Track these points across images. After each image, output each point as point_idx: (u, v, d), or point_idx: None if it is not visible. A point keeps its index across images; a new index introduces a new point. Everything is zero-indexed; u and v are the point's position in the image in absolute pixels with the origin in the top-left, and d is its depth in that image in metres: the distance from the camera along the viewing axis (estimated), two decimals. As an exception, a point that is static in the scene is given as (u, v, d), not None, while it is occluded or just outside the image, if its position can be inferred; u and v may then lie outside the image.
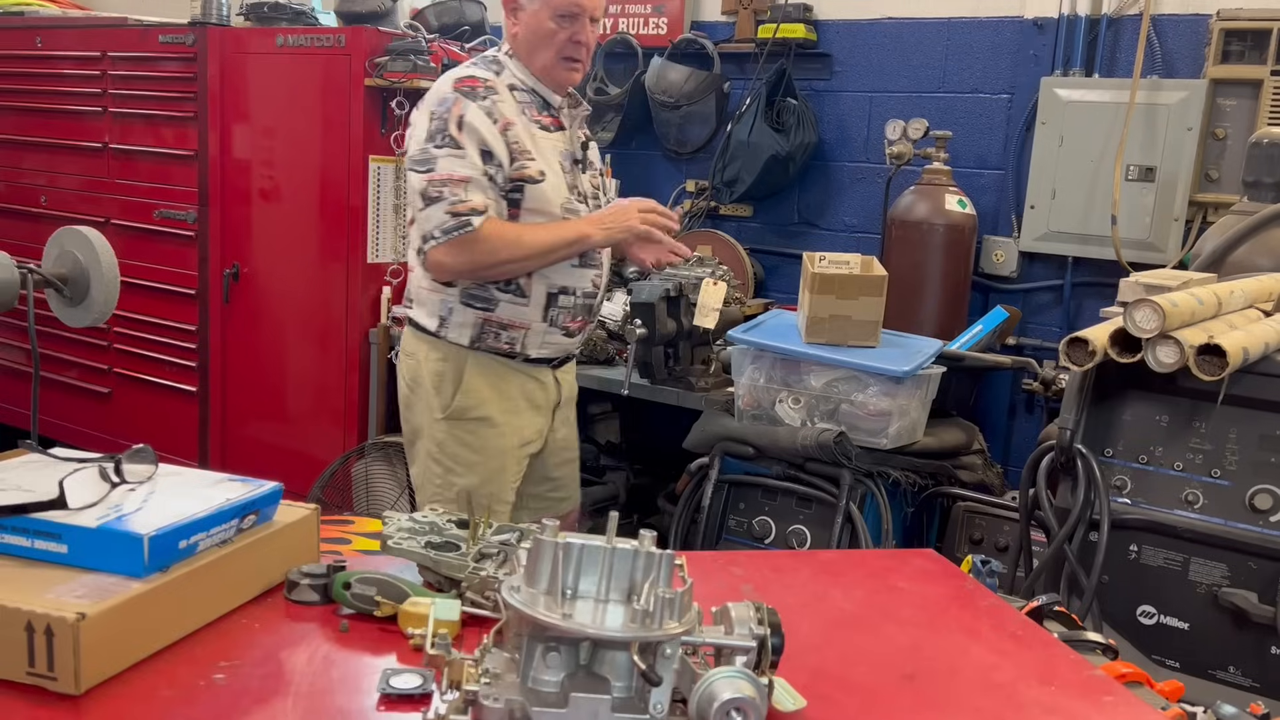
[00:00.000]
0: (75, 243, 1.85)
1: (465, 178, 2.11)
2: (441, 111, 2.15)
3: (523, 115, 2.21)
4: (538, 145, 2.22)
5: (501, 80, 2.22)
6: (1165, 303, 1.84)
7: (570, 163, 2.30)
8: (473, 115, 2.14)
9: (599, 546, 0.94)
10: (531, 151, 2.20)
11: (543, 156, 2.22)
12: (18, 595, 0.95)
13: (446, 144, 2.12)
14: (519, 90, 2.24)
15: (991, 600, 1.32)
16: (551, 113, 2.29)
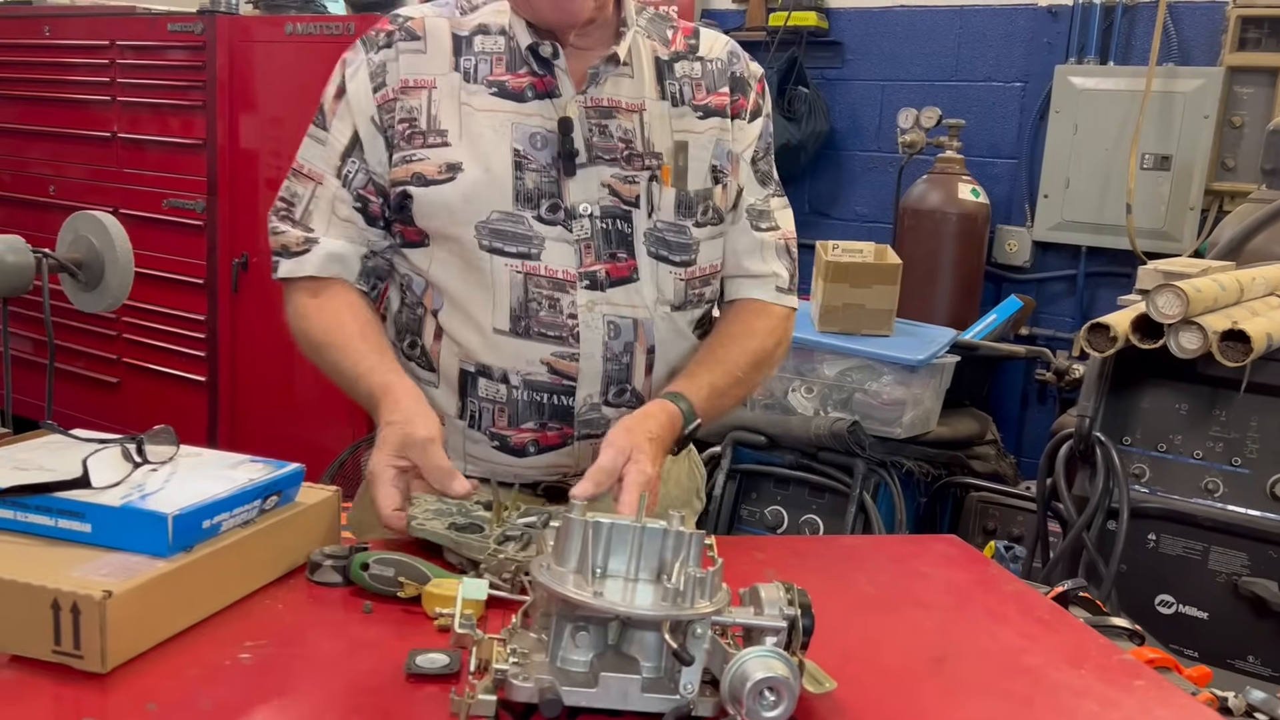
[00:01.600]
0: (90, 227, 1.84)
1: (316, 175, 1.39)
2: (338, 73, 1.41)
3: (465, 75, 1.35)
4: (467, 121, 1.33)
5: (466, 20, 1.38)
6: (1189, 288, 1.83)
7: (549, 150, 1.34)
8: (352, 79, 1.37)
9: (628, 525, 0.93)
10: (450, 130, 1.33)
11: (471, 139, 1.33)
12: (43, 573, 0.94)
13: (317, 120, 1.41)
14: (489, 34, 1.37)
15: (1016, 585, 1.31)
16: (535, 68, 1.35)
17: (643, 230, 1.37)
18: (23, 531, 1.03)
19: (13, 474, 1.07)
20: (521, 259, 1.32)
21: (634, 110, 1.38)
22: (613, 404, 1.37)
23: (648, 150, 1.37)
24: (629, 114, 1.37)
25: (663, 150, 1.38)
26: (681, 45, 1.45)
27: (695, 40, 1.47)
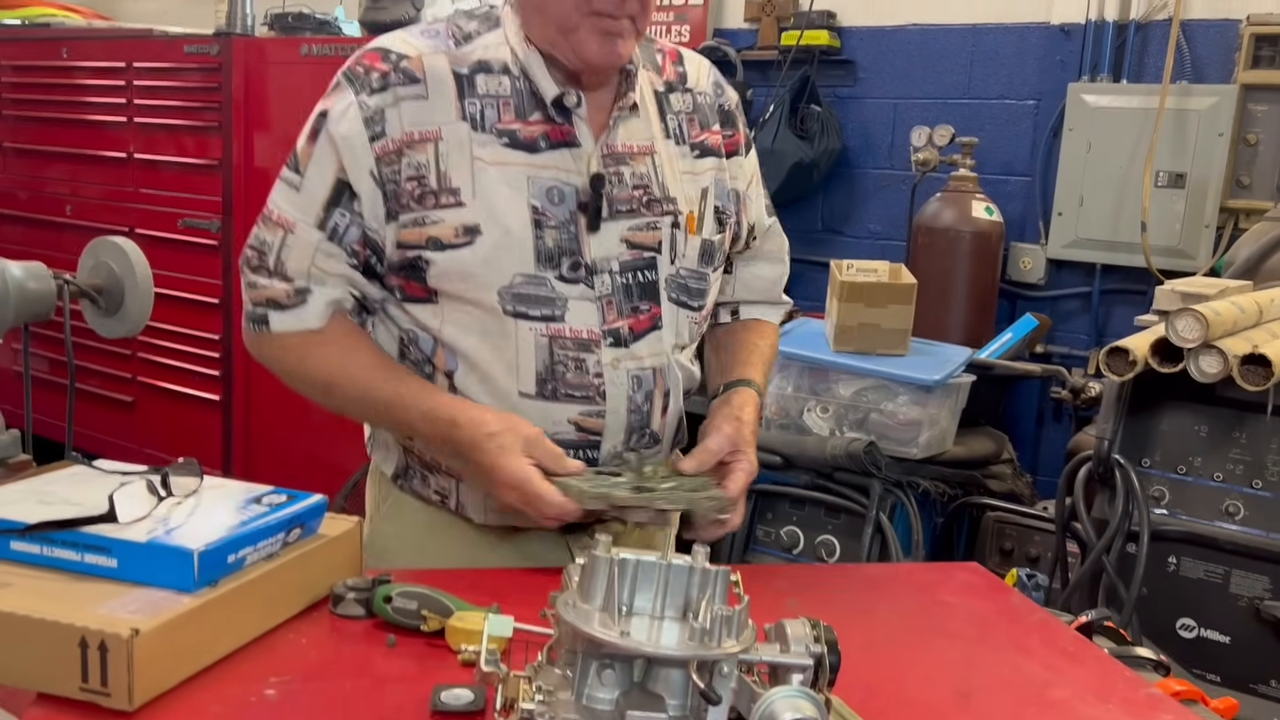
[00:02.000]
0: (110, 254, 1.86)
1: (286, 222, 1.28)
2: (320, 106, 1.29)
3: (471, 122, 1.25)
4: (480, 177, 1.25)
5: (464, 54, 1.27)
6: (1208, 312, 1.82)
7: (566, 205, 1.28)
8: (338, 123, 1.25)
9: (654, 563, 0.93)
10: (462, 188, 1.25)
11: (486, 197, 1.25)
12: (70, 611, 0.94)
13: (290, 163, 1.30)
14: (491, 73, 1.28)
15: (1040, 615, 1.30)
16: (549, 115, 1.28)
17: (665, 276, 1.33)
18: (49, 566, 1.03)
19: (39, 508, 1.07)
20: (546, 322, 1.28)
21: (645, 153, 1.33)
22: (633, 448, 1.35)
23: (664, 195, 1.33)
24: (641, 158, 1.32)
25: (678, 195, 1.34)
26: (672, 74, 1.41)
27: (683, 67, 1.43)
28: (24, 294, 1.70)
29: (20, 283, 1.70)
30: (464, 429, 1.24)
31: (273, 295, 1.29)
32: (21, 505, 1.07)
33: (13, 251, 4.11)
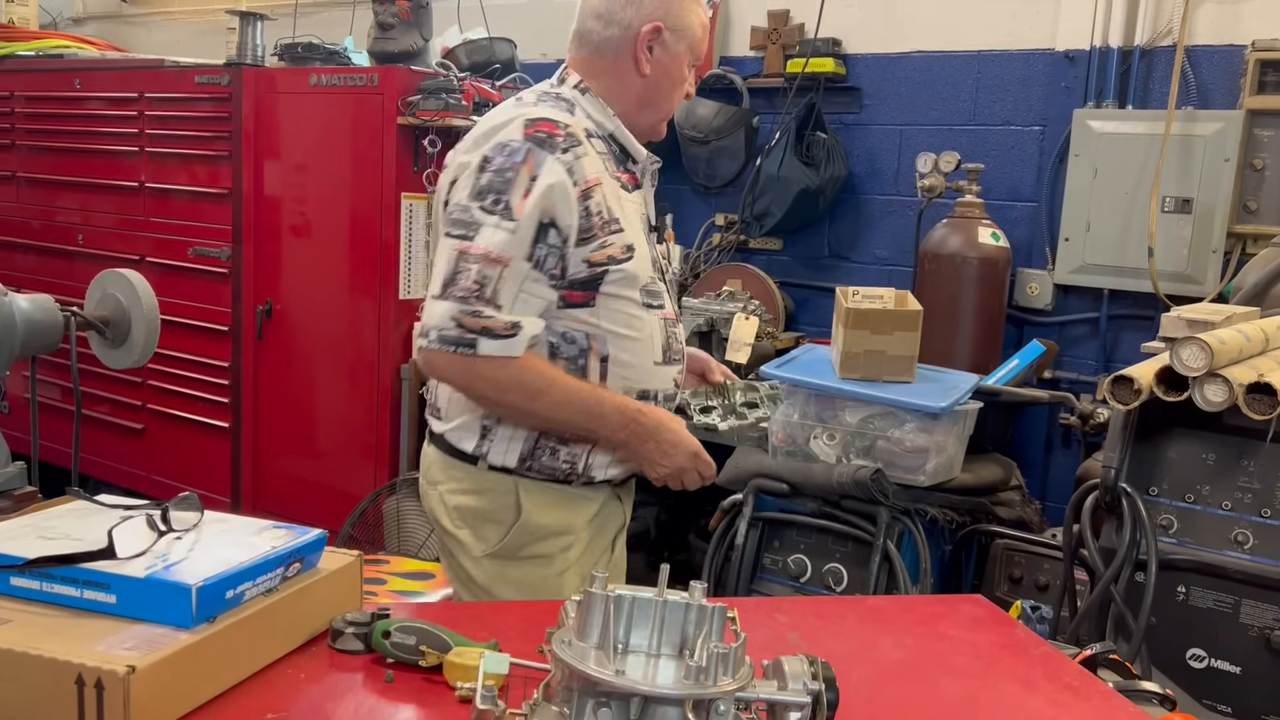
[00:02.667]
0: (117, 285, 1.87)
1: (503, 259, 1.61)
2: (503, 163, 1.63)
3: (606, 171, 1.71)
4: (625, 210, 1.72)
5: (577, 123, 1.71)
6: (1213, 340, 1.82)
7: (648, 230, 1.81)
8: (548, 176, 1.62)
9: (650, 599, 0.92)
10: (620, 220, 1.70)
11: (630, 224, 1.72)
12: (68, 647, 0.94)
13: (499, 210, 1.62)
14: (595, 138, 1.74)
15: (1044, 649, 1.29)
16: (630, 168, 1.79)
17: (669, 275, 1.88)
18: (49, 602, 1.04)
19: (39, 543, 1.08)
20: (660, 309, 1.78)
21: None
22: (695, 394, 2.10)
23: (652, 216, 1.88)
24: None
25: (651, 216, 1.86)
26: None
27: None
28: (31, 326, 1.71)
29: (28, 315, 1.72)
30: (649, 415, 1.74)
31: (490, 325, 1.61)
32: (22, 540, 1.08)
33: (26, 280, 4.16)
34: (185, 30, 5.32)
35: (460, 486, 1.77)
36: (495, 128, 1.69)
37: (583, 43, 1.82)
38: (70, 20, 5.69)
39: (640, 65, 1.77)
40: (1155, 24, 3.14)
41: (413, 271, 3.52)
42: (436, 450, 1.82)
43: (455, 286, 1.61)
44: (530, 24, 4.17)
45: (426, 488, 1.84)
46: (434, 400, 1.82)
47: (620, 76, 1.78)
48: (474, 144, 1.71)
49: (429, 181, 3.46)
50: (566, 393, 1.68)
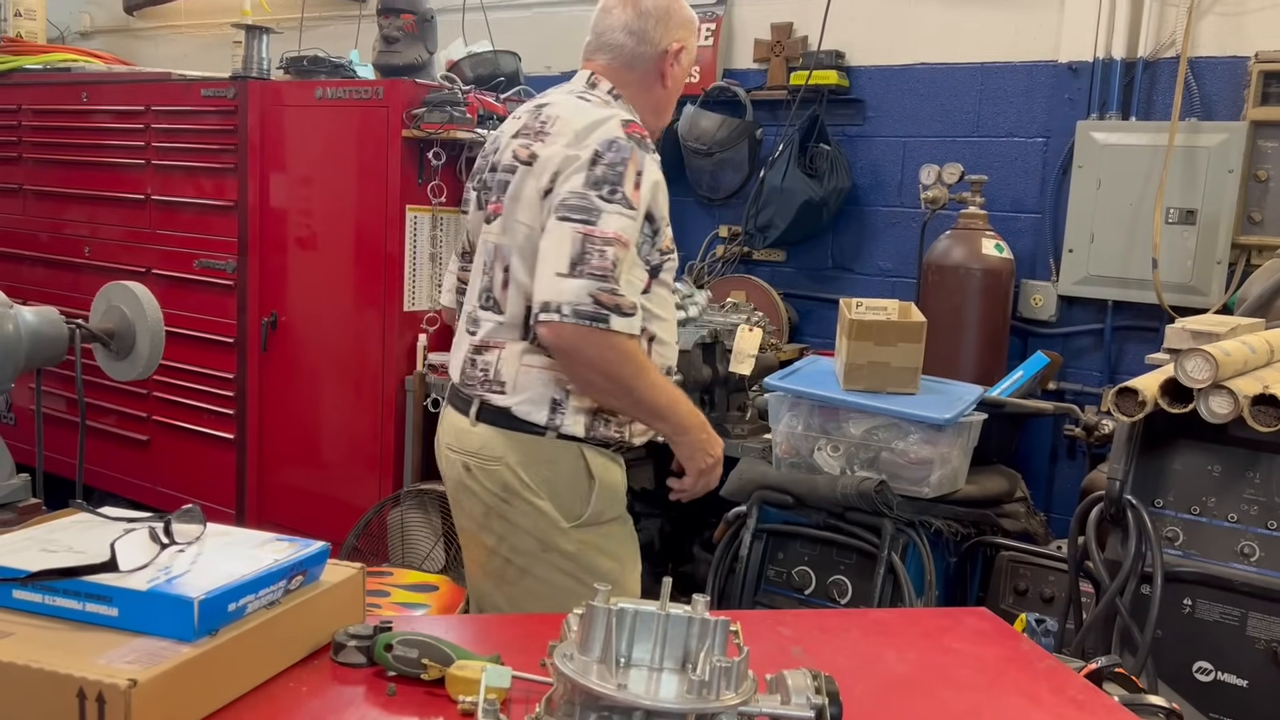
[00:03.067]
0: (122, 297, 1.87)
1: (627, 243, 1.78)
2: (613, 158, 1.79)
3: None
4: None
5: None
6: (1217, 352, 1.81)
7: None
8: (650, 172, 1.84)
9: (652, 613, 0.92)
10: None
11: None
12: (70, 660, 0.94)
13: (617, 199, 1.77)
14: None
15: (1049, 662, 1.29)
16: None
17: None
18: (52, 615, 1.04)
19: (42, 556, 1.08)
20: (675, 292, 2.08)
21: None
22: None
23: None
24: None
25: None
26: None
27: None
28: (36, 339, 1.72)
29: (33, 327, 1.72)
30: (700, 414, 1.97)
31: (621, 304, 1.75)
32: (25, 553, 1.08)
33: (33, 293, 4.18)
34: (192, 44, 5.35)
35: (532, 457, 1.88)
36: (594, 123, 1.84)
37: (614, 55, 2.00)
38: (77, 34, 5.72)
39: (665, 79, 2.02)
40: (1158, 36, 3.15)
41: (417, 283, 3.53)
42: (493, 426, 1.90)
43: (586, 265, 1.74)
44: (534, 37, 4.19)
45: (483, 464, 1.90)
46: (493, 375, 1.90)
47: (647, 87, 2.01)
48: (576, 138, 1.84)
49: (433, 194, 3.47)
50: (658, 375, 1.88)
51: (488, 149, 2.09)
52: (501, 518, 1.92)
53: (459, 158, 3.50)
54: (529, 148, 1.90)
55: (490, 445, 1.90)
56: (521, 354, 1.89)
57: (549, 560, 1.91)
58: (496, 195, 1.96)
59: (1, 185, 4.56)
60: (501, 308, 1.93)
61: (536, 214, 1.86)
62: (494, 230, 1.96)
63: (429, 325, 3.53)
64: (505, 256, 1.92)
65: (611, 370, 1.78)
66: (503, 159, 1.98)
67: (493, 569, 1.98)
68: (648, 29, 1.98)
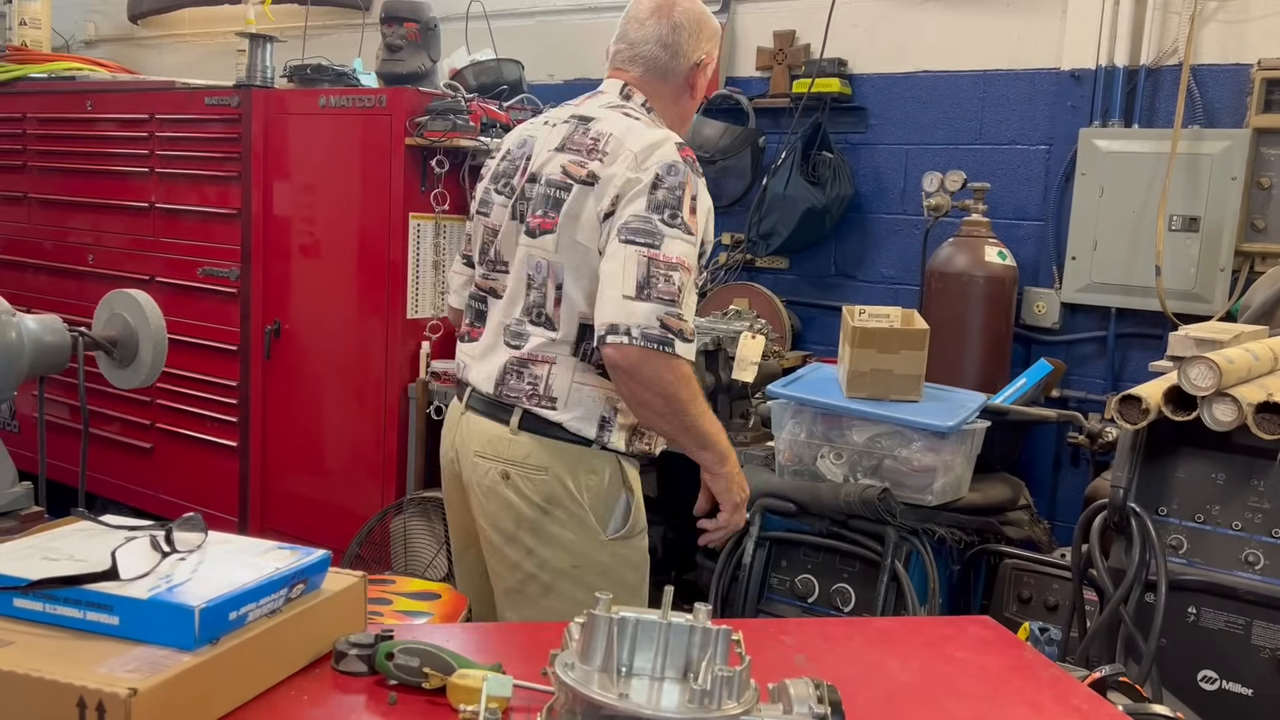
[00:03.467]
0: (125, 305, 1.88)
1: (691, 268, 1.83)
2: (672, 183, 1.82)
3: None
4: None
5: None
6: (1221, 359, 1.81)
7: None
8: (703, 198, 1.88)
9: (654, 622, 0.92)
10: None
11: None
12: (70, 669, 0.94)
13: (678, 225, 1.81)
14: None
15: (1053, 671, 1.28)
16: None
17: None
18: (52, 624, 1.04)
19: (43, 565, 1.08)
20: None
21: None
22: None
23: None
24: None
25: None
26: None
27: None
28: (39, 347, 1.72)
29: (36, 335, 1.72)
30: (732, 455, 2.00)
31: (684, 330, 1.79)
32: (27, 562, 1.08)
33: (37, 300, 4.19)
34: (196, 52, 5.36)
35: (579, 467, 1.93)
36: (652, 145, 1.86)
37: (648, 67, 2.02)
38: (82, 43, 5.74)
39: (694, 91, 2.08)
40: (1160, 44, 3.15)
41: (420, 291, 3.53)
42: (540, 435, 1.92)
43: (654, 290, 1.78)
44: (537, 45, 4.20)
45: (528, 474, 1.92)
46: (544, 390, 1.92)
47: (677, 99, 2.07)
48: (635, 160, 1.85)
49: (436, 201, 3.47)
50: (706, 405, 1.92)
51: (515, 153, 2.06)
52: (534, 531, 1.93)
53: (462, 165, 3.50)
54: (585, 166, 1.89)
55: (536, 454, 1.92)
56: (574, 371, 1.92)
57: (577, 576, 1.93)
58: (544, 209, 1.93)
59: (6, 193, 4.58)
60: (555, 325, 1.92)
61: (596, 235, 1.86)
62: (544, 246, 1.93)
63: (432, 333, 3.54)
64: (558, 274, 1.91)
65: (670, 393, 1.81)
66: (548, 172, 1.94)
67: (512, 584, 1.98)
68: (681, 42, 2.01)
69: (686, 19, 2.02)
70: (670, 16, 2.01)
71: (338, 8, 4.57)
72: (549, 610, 1.93)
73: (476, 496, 1.99)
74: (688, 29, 2.02)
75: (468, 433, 2.00)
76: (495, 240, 2.06)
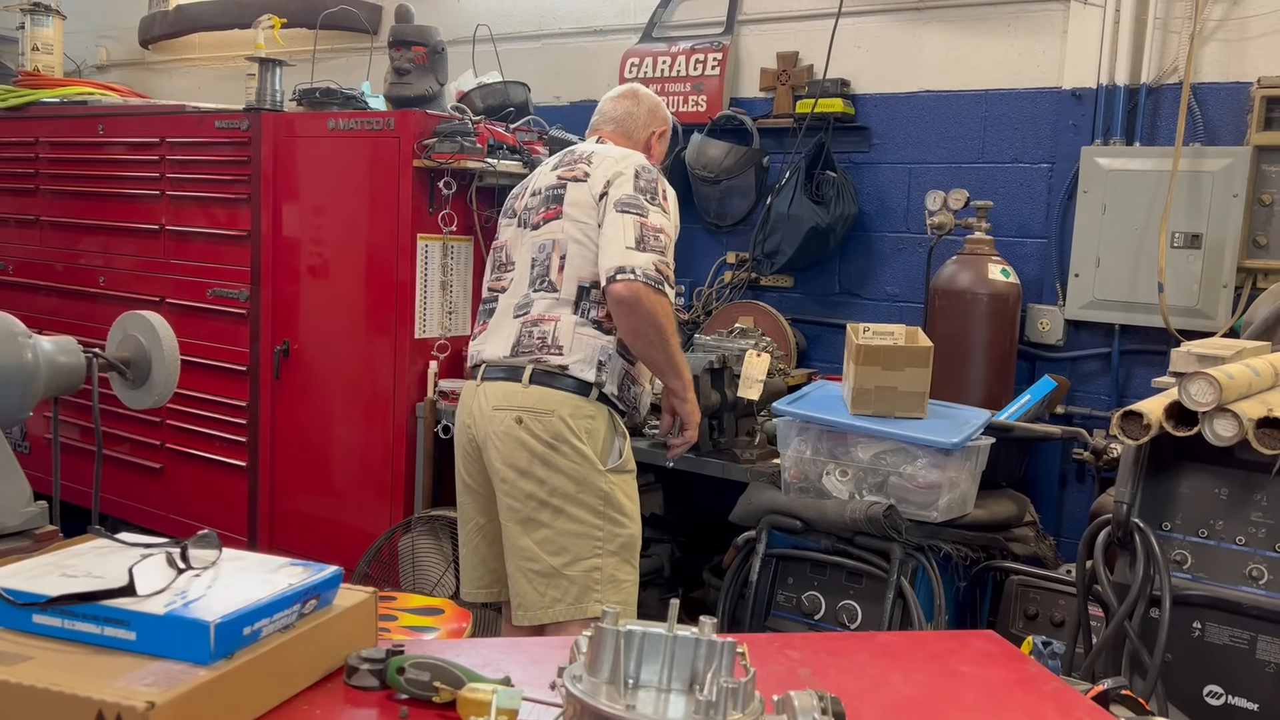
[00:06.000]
0: (138, 327, 1.90)
1: (671, 235, 2.42)
2: (649, 176, 2.44)
3: None
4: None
5: None
6: (1221, 375, 1.82)
7: None
8: (671, 195, 2.48)
9: (660, 635, 0.94)
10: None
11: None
12: (88, 683, 0.96)
13: (657, 203, 2.40)
14: None
15: (1055, 684, 1.29)
16: None
17: None
18: (71, 639, 1.06)
19: (61, 581, 1.10)
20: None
21: None
22: None
23: None
24: None
25: None
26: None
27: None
28: (54, 368, 1.74)
29: (51, 357, 1.75)
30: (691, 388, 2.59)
31: (670, 277, 2.38)
32: (45, 579, 1.10)
33: (48, 322, 4.23)
34: (206, 76, 5.43)
35: (579, 411, 2.38)
36: (627, 155, 2.51)
37: (617, 125, 2.69)
38: (94, 68, 5.82)
39: (651, 150, 2.70)
40: (1161, 63, 3.18)
41: (428, 311, 3.56)
42: (547, 386, 2.39)
43: (648, 244, 2.34)
44: (543, 68, 4.24)
45: (538, 415, 2.37)
46: (551, 340, 2.42)
47: (654, 155, 2.68)
48: (617, 162, 2.47)
49: (444, 222, 3.51)
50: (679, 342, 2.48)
51: (517, 191, 2.68)
52: (546, 464, 2.37)
53: (469, 187, 3.54)
54: (574, 171, 2.50)
55: (545, 400, 2.38)
56: (575, 324, 2.42)
57: (582, 499, 2.38)
58: (545, 207, 2.51)
59: (19, 216, 4.63)
60: (557, 288, 2.44)
61: (593, 212, 2.42)
62: (549, 231, 2.48)
63: (440, 352, 3.57)
64: (562, 247, 2.45)
65: (659, 324, 2.35)
66: (543, 185, 2.55)
67: (527, 513, 2.40)
68: (642, 113, 2.71)
69: (647, 100, 2.73)
70: (634, 97, 2.72)
71: (346, 32, 4.63)
72: (561, 531, 2.37)
73: (494, 444, 2.42)
74: (647, 106, 2.72)
75: (485, 397, 2.46)
76: (504, 249, 2.63)
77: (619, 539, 2.42)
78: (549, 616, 2.38)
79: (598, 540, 2.39)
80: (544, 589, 2.38)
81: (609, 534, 2.40)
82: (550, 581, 2.38)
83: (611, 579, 2.42)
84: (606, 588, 2.40)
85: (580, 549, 2.39)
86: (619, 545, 2.42)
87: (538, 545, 2.38)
